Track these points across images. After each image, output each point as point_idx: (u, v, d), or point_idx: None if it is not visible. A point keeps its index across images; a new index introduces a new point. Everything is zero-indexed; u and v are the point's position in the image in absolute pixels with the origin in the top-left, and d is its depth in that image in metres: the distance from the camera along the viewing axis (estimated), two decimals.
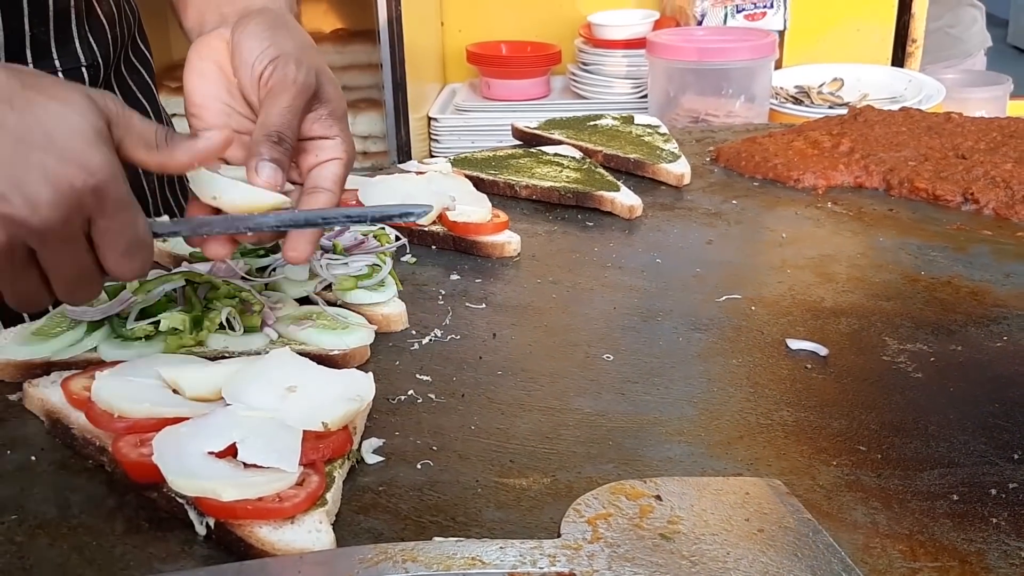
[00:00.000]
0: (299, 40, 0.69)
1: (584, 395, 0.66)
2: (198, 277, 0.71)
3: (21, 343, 0.66)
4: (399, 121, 1.85)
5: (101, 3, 0.98)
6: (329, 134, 0.67)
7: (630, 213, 0.99)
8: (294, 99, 0.64)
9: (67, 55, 0.94)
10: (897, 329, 0.76)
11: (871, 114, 1.18)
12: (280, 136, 0.63)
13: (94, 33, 0.97)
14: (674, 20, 2.08)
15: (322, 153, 0.67)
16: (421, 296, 0.82)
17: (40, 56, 0.91)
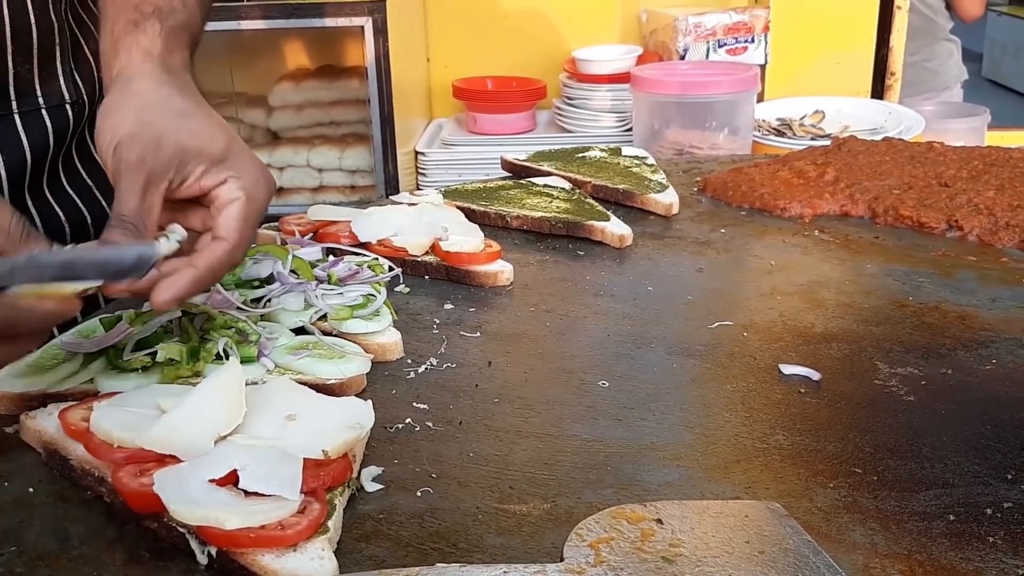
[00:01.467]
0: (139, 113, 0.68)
1: (581, 421, 0.67)
2: (194, 308, 0.71)
3: (17, 375, 0.66)
4: (387, 155, 1.86)
5: (88, 41, 0.99)
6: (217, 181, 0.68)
7: (620, 242, 1.00)
8: (132, 182, 0.65)
9: (51, 92, 0.93)
10: (888, 353, 0.76)
11: (855, 144, 1.20)
12: (120, 218, 0.64)
13: (80, 71, 0.97)
14: (657, 55, 2.12)
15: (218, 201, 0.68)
16: (416, 325, 0.82)
17: (23, 93, 0.91)
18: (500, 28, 2.30)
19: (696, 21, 2.01)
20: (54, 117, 0.92)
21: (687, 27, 2.01)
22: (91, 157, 0.99)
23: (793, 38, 2.06)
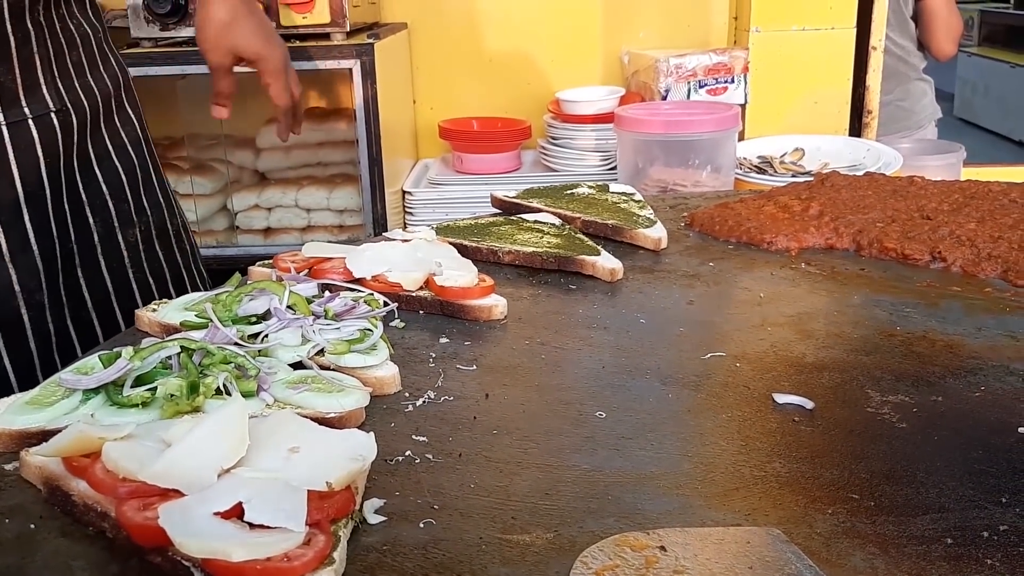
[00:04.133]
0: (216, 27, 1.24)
1: (580, 452, 0.67)
2: (193, 344, 0.71)
3: (16, 412, 0.65)
4: (375, 196, 1.88)
5: (71, 51, 1.01)
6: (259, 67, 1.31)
7: (611, 276, 1.02)
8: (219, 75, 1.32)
9: (35, 101, 0.96)
10: (878, 382, 0.78)
11: (837, 179, 1.22)
12: (219, 93, 1.36)
13: (63, 80, 0.99)
14: (639, 96, 2.15)
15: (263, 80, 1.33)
16: (412, 359, 0.83)
17: (10, 104, 0.93)
18: (485, 70, 2.33)
19: (677, 62, 2.05)
20: (41, 127, 0.95)
21: (668, 68, 2.05)
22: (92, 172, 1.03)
23: (772, 78, 2.10)
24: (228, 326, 0.79)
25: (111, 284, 1.03)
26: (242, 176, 2.10)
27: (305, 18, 1.82)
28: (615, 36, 2.31)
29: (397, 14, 2.29)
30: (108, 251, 1.04)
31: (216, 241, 2.01)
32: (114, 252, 1.04)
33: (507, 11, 2.30)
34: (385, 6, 2.27)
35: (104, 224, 1.03)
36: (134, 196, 1.08)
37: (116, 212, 1.05)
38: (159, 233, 1.12)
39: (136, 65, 1.80)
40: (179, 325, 0.82)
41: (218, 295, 0.85)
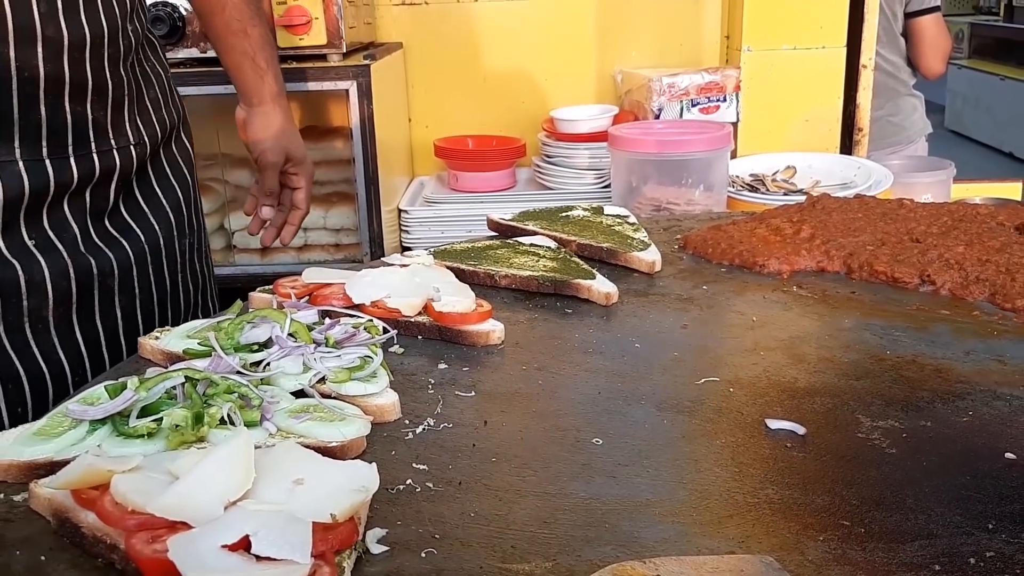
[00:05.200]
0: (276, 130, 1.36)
1: (577, 479, 0.69)
2: (197, 374, 0.72)
3: (24, 444, 0.67)
4: (371, 214, 1.89)
5: (148, 90, 1.16)
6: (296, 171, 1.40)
7: (607, 300, 1.03)
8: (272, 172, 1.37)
9: (120, 135, 1.10)
10: (869, 407, 0.79)
11: (828, 201, 1.24)
12: (272, 191, 1.39)
13: (142, 116, 1.14)
14: (632, 114, 2.17)
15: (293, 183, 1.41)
16: (411, 386, 0.84)
17: (99, 136, 1.07)
18: (480, 88, 2.35)
19: (670, 82, 2.07)
20: (122, 156, 1.10)
21: (661, 87, 2.07)
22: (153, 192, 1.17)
23: (764, 97, 2.12)
24: (231, 354, 0.80)
25: (168, 284, 1.17)
26: (239, 195, 2.11)
27: (302, 39, 1.84)
28: (608, 55, 2.33)
29: (393, 34, 2.31)
30: (169, 256, 1.17)
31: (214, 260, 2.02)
32: (172, 258, 1.17)
33: (501, 30, 2.32)
34: (381, 26, 2.29)
35: (166, 232, 1.16)
36: (187, 211, 1.21)
37: (175, 223, 1.18)
38: (198, 248, 1.26)
39: None
40: (182, 353, 0.83)
41: (220, 323, 0.86)
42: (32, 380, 0.98)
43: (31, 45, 0.95)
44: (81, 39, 1.00)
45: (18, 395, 0.97)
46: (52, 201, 1.01)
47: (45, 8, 0.95)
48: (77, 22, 0.99)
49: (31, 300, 0.98)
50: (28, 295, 0.97)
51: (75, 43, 0.99)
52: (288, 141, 1.36)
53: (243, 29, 1.30)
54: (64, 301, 1.01)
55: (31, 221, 0.99)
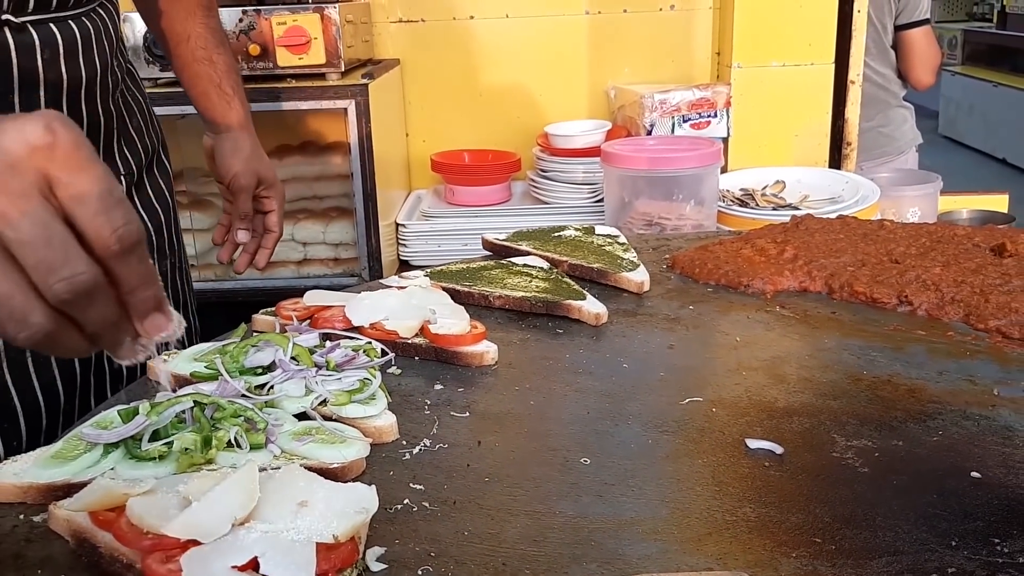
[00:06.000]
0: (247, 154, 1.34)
1: (566, 499, 0.73)
2: (205, 398, 0.76)
3: (42, 466, 0.71)
4: (369, 229, 1.93)
5: (132, 119, 1.20)
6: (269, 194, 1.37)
7: (597, 320, 1.07)
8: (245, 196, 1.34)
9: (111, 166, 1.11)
10: (844, 427, 0.83)
11: (811, 222, 1.28)
12: (246, 214, 1.35)
13: (128, 145, 1.17)
14: (625, 129, 2.21)
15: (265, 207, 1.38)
16: (408, 407, 0.88)
17: None
18: (476, 104, 2.39)
19: (662, 98, 2.12)
20: None
21: (653, 103, 2.11)
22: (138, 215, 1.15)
23: (753, 112, 2.17)
24: (236, 378, 0.84)
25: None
26: None
27: (301, 59, 1.88)
28: (601, 71, 2.38)
29: (390, 50, 2.35)
30: None
31: (214, 275, 2.06)
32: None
33: (497, 47, 2.37)
34: (378, 43, 2.34)
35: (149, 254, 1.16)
36: (168, 233, 1.24)
37: (156, 246, 1.21)
38: (179, 268, 1.29)
39: None
40: (189, 376, 0.87)
41: (225, 346, 0.90)
42: (28, 414, 1.00)
43: (34, 90, 0.98)
44: (78, 80, 1.04)
45: (13, 430, 0.99)
46: None
47: (48, 55, 0.99)
48: (75, 64, 1.03)
49: None
50: None
51: (72, 85, 1.03)
52: (259, 164, 1.35)
53: (208, 57, 1.31)
54: None
55: None
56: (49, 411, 1.02)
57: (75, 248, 0.51)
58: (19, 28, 0.96)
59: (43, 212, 0.50)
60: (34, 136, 0.50)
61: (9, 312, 0.50)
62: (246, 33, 1.88)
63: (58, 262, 0.50)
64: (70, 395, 1.05)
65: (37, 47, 0.98)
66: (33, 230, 0.49)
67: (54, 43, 1.00)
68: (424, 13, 2.34)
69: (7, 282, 0.50)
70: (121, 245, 0.52)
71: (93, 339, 0.55)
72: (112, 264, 0.52)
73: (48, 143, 0.50)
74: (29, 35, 0.97)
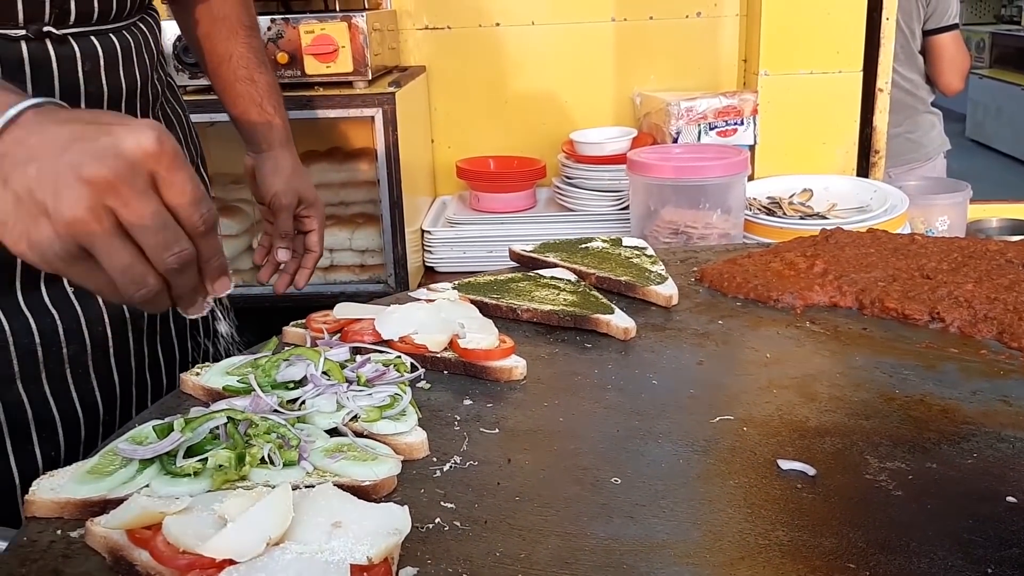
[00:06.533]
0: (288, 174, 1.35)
1: (597, 519, 0.73)
2: (239, 414, 0.77)
3: (79, 482, 0.71)
4: (395, 236, 1.94)
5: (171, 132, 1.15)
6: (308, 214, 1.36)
7: (625, 335, 1.07)
8: (286, 215, 1.33)
9: None
10: (877, 448, 0.83)
11: (841, 236, 1.28)
12: (286, 234, 1.34)
13: None
14: (651, 137, 2.21)
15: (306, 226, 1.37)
16: (438, 422, 0.88)
17: None
18: (501, 110, 2.40)
19: (688, 106, 2.11)
20: None
21: (679, 111, 2.11)
22: None
23: (781, 120, 2.15)
24: (268, 392, 0.84)
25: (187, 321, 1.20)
26: None
27: (329, 67, 1.89)
28: (627, 78, 2.37)
29: (417, 57, 2.36)
30: None
31: (242, 280, 2.08)
32: None
33: (522, 53, 2.37)
34: (405, 50, 2.34)
35: None
36: None
37: None
38: None
39: None
40: (221, 390, 0.88)
41: (257, 360, 0.91)
42: (66, 425, 1.01)
43: (75, 102, 0.99)
44: (118, 92, 1.05)
45: (51, 440, 1.00)
46: None
47: (89, 66, 1.00)
48: (116, 76, 1.04)
49: (71, 347, 1.01)
50: (67, 343, 1.00)
51: (113, 97, 1.04)
52: (299, 183, 1.35)
53: (250, 77, 1.32)
54: (101, 345, 1.04)
55: None
56: (88, 422, 1.03)
57: (180, 230, 0.66)
58: (60, 40, 0.98)
59: (157, 203, 0.65)
60: (148, 143, 0.64)
61: (131, 277, 0.66)
62: (274, 41, 1.89)
63: (171, 241, 0.66)
64: (109, 406, 1.06)
65: (78, 59, 0.99)
66: (153, 218, 0.64)
67: (95, 55, 1.01)
68: (450, 20, 2.35)
69: (129, 255, 0.65)
70: (206, 227, 0.68)
71: (177, 299, 0.71)
72: (198, 241, 0.68)
73: (157, 150, 0.64)
74: (70, 47, 0.99)
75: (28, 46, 0.95)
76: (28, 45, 0.95)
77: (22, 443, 0.98)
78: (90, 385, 1.04)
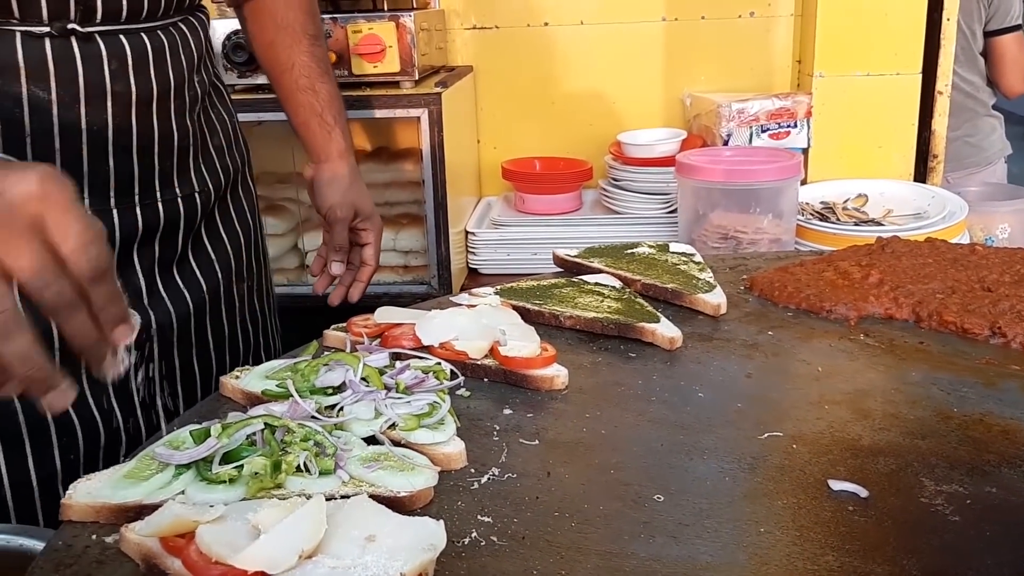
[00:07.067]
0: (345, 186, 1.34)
1: (638, 539, 0.70)
2: (276, 421, 0.76)
3: (115, 487, 0.71)
4: (439, 238, 1.93)
5: (213, 137, 1.19)
6: (364, 227, 1.36)
7: (670, 344, 1.04)
8: (341, 228, 1.33)
9: (184, 183, 1.13)
10: (933, 469, 0.79)
11: (898, 245, 1.23)
12: (341, 247, 1.34)
13: (207, 164, 1.16)
14: (701, 139, 2.17)
15: (362, 239, 1.37)
16: (477, 432, 0.87)
17: (165, 185, 1.09)
18: (548, 111, 2.37)
19: (739, 107, 2.07)
20: (186, 204, 1.12)
21: (730, 113, 2.07)
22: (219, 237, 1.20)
23: (835, 123, 2.10)
24: (306, 398, 0.84)
25: (227, 330, 1.20)
26: (312, 215, 2.17)
27: (376, 67, 1.89)
28: (677, 78, 2.33)
29: (464, 57, 2.35)
30: (228, 301, 1.20)
31: (287, 280, 2.08)
32: (230, 302, 1.20)
33: (571, 53, 2.34)
34: (452, 49, 2.33)
35: (227, 278, 1.19)
36: (247, 256, 1.24)
37: (235, 269, 1.21)
38: (259, 289, 1.29)
39: None
40: (260, 394, 0.87)
41: (297, 364, 0.90)
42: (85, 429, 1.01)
43: (101, 101, 0.98)
44: (149, 93, 1.03)
45: (71, 444, 1.00)
46: (121, 253, 1.04)
47: (116, 66, 0.99)
48: (146, 77, 1.02)
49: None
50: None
51: (143, 97, 1.02)
52: (356, 196, 1.34)
53: (311, 86, 1.31)
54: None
55: None
56: (107, 429, 1.03)
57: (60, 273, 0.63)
58: (86, 38, 0.96)
59: (38, 246, 0.62)
60: (31, 187, 0.62)
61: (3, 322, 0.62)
62: None
63: (49, 280, 0.63)
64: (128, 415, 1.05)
65: (104, 58, 0.98)
66: (31, 260, 0.62)
67: (122, 55, 0.99)
68: (498, 20, 2.33)
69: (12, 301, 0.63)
70: (94, 272, 0.64)
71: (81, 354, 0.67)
72: (89, 287, 0.65)
73: (40, 192, 0.62)
74: (96, 45, 0.97)
75: (52, 44, 0.94)
76: (52, 43, 0.94)
77: (42, 446, 0.98)
78: (107, 396, 1.02)
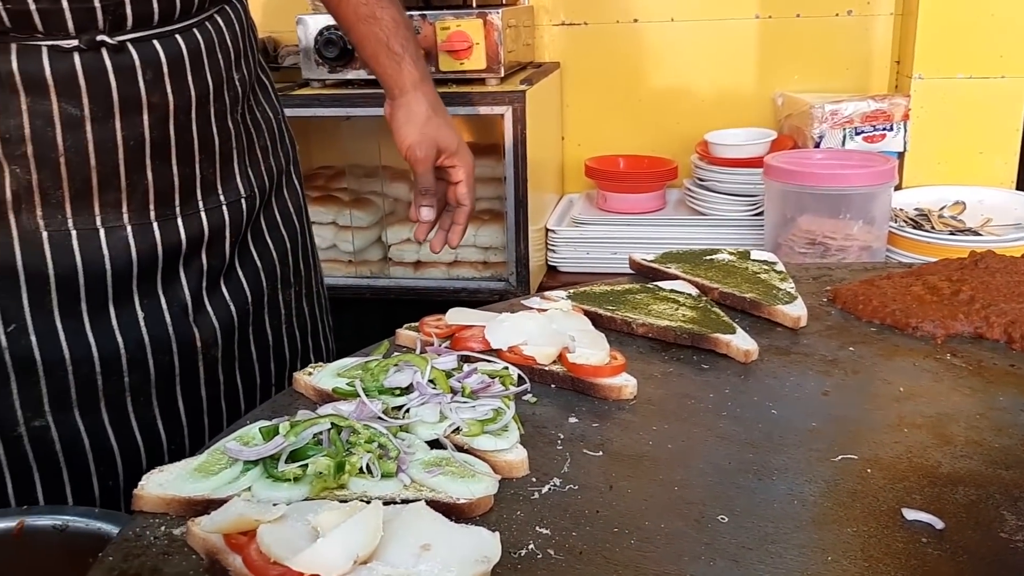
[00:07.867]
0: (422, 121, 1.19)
1: (699, 560, 0.69)
2: (343, 421, 0.77)
3: (185, 479, 0.73)
4: (519, 235, 1.93)
5: (259, 138, 1.13)
6: (452, 164, 1.22)
7: (746, 357, 1.02)
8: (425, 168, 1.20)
9: (229, 190, 1.07)
10: (1016, 503, 0.75)
11: (993, 261, 1.17)
12: (427, 189, 1.21)
13: (252, 166, 1.11)
14: (791, 140, 2.11)
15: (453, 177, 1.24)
16: (541, 440, 0.86)
17: (207, 192, 1.03)
18: (634, 108, 2.35)
19: (833, 108, 2.00)
20: (231, 211, 1.07)
21: (823, 114, 2.01)
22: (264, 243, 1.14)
23: (934, 127, 2.02)
24: (374, 398, 0.84)
25: (271, 339, 1.15)
26: (397, 208, 2.20)
27: (463, 64, 1.89)
28: (769, 77, 2.28)
29: (551, 53, 2.34)
30: (272, 309, 1.15)
31: (370, 272, 2.12)
32: (275, 310, 1.16)
33: (660, 51, 2.31)
34: (539, 46, 2.33)
35: (271, 286, 1.15)
36: (293, 260, 1.19)
37: (280, 275, 1.16)
38: (307, 292, 1.23)
39: (306, 106, 1.93)
40: (331, 392, 0.89)
41: (367, 363, 0.91)
42: (125, 453, 0.99)
43: (137, 113, 0.94)
44: (187, 101, 0.98)
45: (110, 471, 0.99)
46: (165, 267, 1.00)
47: (151, 76, 0.94)
48: (183, 85, 0.97)
49: (133, 376, 0.98)
50: (129, 371, 0.98)
51: (181, 106, 0.97)
52: (436, 131, 1.19)
53: (371, 14, 1.18)
54: (166, 375, 1.01)
55: (145, 289, 0.98)
56: (150, 454, 1.02)
57: None
58: (117, 48, 0.91)
59: None
60: None
61: None
62: None
63: None
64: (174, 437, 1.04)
65: (138, 68, 0.92)
66: None
67: (157, 62, 0.94)
68: (587, 16, 2.31)
69: None
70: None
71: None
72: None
73: None
74: (128, 55, 0.92)
75: (82, 57, 0.88)
76: (81, 56, 0.88)
77: (80, 474, 0.97)
78: (152, 415, 1.00)
